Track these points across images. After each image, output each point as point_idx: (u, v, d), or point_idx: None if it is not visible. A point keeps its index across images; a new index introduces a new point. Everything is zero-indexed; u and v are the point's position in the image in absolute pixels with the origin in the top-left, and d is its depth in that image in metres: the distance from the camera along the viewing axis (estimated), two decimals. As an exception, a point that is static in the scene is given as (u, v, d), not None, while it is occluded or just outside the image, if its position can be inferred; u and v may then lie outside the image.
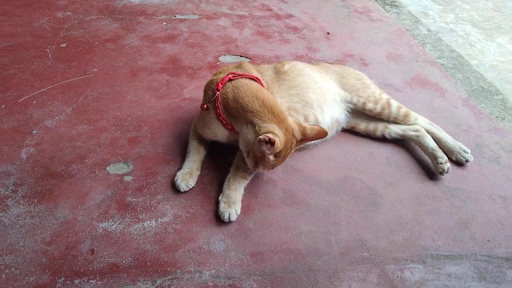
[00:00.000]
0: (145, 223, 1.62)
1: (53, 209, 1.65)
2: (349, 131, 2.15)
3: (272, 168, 1.67)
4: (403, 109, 2.08)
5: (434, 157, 1.93)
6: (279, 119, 1.62)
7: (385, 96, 2.10)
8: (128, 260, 1.49)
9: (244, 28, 3.12)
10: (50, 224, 1.59)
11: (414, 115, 2.09)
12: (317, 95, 1.98)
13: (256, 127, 1.61)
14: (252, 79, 1.79)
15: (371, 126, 2.11)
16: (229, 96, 1.71)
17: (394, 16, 3.58)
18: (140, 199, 1.72)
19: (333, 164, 1.97)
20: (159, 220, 1.64)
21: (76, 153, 1.90)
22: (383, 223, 1.71)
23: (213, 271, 1.48)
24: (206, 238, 1.59)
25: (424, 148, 1.99)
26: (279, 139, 1.55)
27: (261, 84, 1.81)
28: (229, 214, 1.63)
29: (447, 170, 1.88)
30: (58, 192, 1.71)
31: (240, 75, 1.79)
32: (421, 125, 2.08)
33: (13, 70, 2.41)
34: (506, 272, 1.55)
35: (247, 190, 1.78)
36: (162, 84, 2.41)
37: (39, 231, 1.56)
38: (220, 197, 1.70)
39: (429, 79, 2.66)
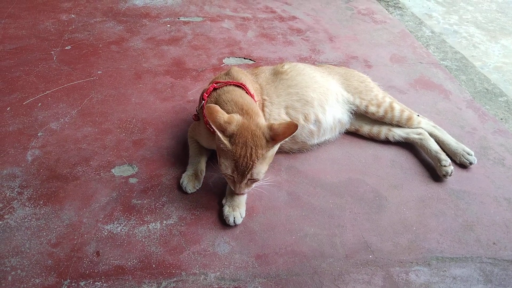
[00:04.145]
0: (150, 225, 1.63)
1: (58, 211, 1.65)
2: (353, 133, 2.15)
3: (235, 163, 1.52)
4: (406, 113, 2.08)
5: (437, 160, 1.93)
6: (243, 111, 1.61)
7: (388, 99, 2.10)
8: (134, 262, 1.49)
9: (248, 30, 3.12)
10: (56, 226, 1.59)
11: (417, 119, 2.09)
12: (318, 94, 1.96)
13: None
14: (237, 85, 1.79)
15: (374, 129, 2.10)
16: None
17: (398, 18, 3.57)
18: (145, 201, 1.72)
19: (338, 166, 1.97)
20: (164, 222, 1.64)
21: (81, 155, 1.91)
22: (388, 225, 1.70)
23: (218, 273, 1.48)
24: (211, 240, 1.59)
25: (428, 151, 1.99)
26: (226, 115, 1.53)
27: (247, 90, 1.79)
28: (234, 218, 1.63)
29: (451, 173, 1.88)
30: (63, 194, 1.72)
31: (225, 83, 1.79)
32: (424, 128, 2.08)
33: (18, 73, 2.42)
34: None
35: (251, 192, 1.78)
36: (167, 86, 2.42)
37: (44, 233, 1.56)
38: (224, 201, 1.70)
39: (433, 81, 2.66)
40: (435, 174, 1.95)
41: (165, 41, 2.88)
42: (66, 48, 2.71)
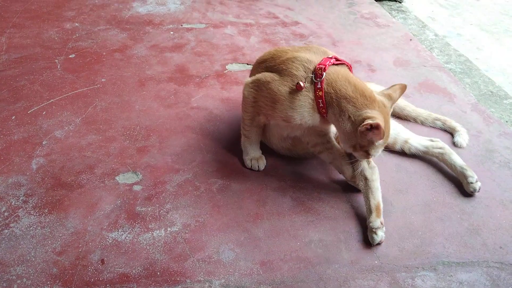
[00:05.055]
0: (154, 233, 1.63)
1: (63, 219, 1.66)
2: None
3: (383, 147, 1.65)
4: None
5: (463, 176, 1.86)
6: (371, 100, 1.57)
7: None
8: (138, 269, 1.49)
9: (251, 36, 3.13)
10: (61, 234, 1.60)
11: None
12: None
13: (352, 117, 1.56)
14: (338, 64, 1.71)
15: (390, 139, 1.99)
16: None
17: (401, 21, 3.57)
18: (149, 209, 1.72)
19: (342, 171, 1.96)
20: (168, 229, 1.64)
21: (85, 163, 1.92)
22: (393, 230, 1.69)
23: (222, 281, 1.48)
24: (215, 247, 1.59)
25: (452, 166, 1.92)
26: (380, 120, 1.50)
27: (351, 71, 1.75)
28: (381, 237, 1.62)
29: (479, 189, 1.82)
30: (68, 202, 1.73)
31: (340, 62, 1.70)
32: None
33: (23, 81, 2.44)
34: (519, 279, 1.53)
35: (255, 198, 1.78)
36: (170, 93, 2.43)
37: (49, 242, 1.57)
38: (374, 222, 1.64)
39: (437, 84, 2.65)
40: (440, 177, 1.93)
41: (169, 48, 2.89)
42: (70, 56, 2.73)
